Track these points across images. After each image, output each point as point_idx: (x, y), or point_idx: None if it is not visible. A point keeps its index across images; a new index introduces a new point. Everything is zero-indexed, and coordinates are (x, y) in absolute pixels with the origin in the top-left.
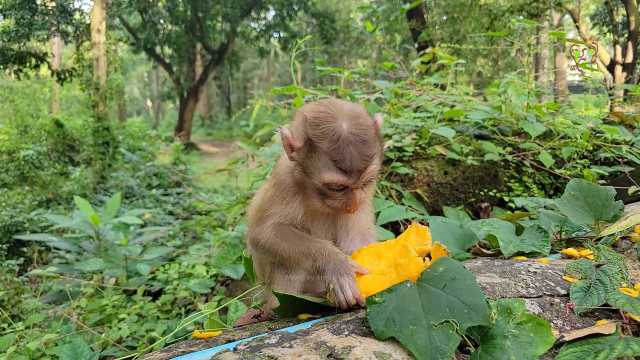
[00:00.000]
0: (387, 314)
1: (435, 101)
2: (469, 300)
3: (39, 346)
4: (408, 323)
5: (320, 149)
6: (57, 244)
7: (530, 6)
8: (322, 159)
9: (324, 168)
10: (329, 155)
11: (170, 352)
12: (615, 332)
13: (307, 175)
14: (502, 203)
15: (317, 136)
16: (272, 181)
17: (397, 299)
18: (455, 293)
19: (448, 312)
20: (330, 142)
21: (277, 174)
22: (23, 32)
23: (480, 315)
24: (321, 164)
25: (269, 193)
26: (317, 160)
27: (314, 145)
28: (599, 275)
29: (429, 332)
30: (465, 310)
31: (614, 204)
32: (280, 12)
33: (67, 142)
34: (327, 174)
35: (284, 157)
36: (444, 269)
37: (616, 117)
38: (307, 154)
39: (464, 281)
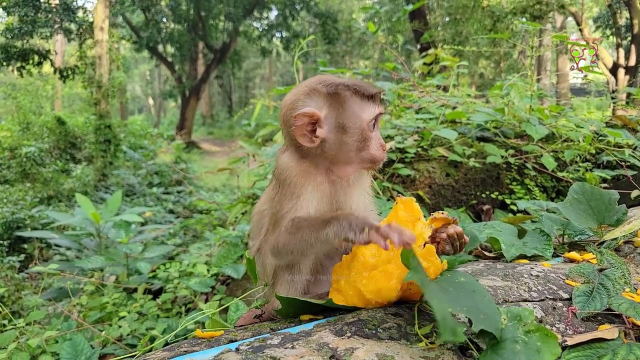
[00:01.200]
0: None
1: (437, 103)
2: (485, 310)
3: (40, 343)
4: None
5: (347, 95)
6: (58, 241)
7: (533, 8)
8: (354, 102)
9: (360, 108)
10: (356, 94)
11: (173, 351)
12: (618, 337)
13: (346, 133)
14: (504, 205)
15: (340, 88)
16: (276, 182)
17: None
18: (474, 301)
19: (465, 310)
20: (349, 87)
21: (279, 173)
22: (26, 30)
23: (494, 325)
24: (355, 107)
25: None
26: (351, 106)
27: (341, 96)
28: (601, 279)
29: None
30: (482, 315)
31: (617, 208)
32: (282, 12)
33: (68, 140)
34: (366, 110)
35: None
36: (465, 281)
37: (619, 120)
38: (337, 111)
39: (483, 296)
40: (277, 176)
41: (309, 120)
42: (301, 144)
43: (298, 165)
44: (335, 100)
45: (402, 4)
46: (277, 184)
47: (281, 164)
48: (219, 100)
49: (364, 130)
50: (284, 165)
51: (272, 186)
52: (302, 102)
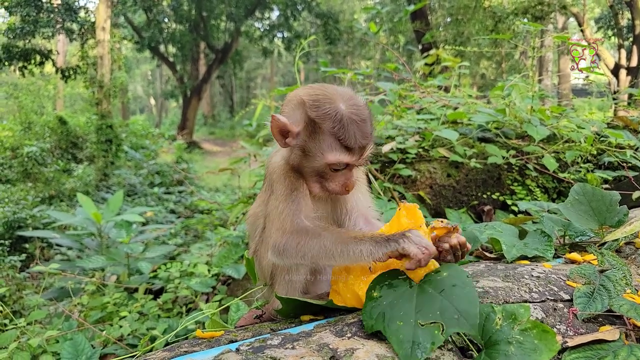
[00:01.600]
0: (380, 309)
1: (438, 103)
2: (462, 308)
3: (41, 343)
4: (396, 319)
5: (324, 130)
6: (59, 241)
7: (534, 9)
8: (326, 139)
9: (327, 148)
10: (334, 135)
11: (173, 351)
12: (619, 339)
13: (307, 159)
14: (505, 206)
15: (320, 117)
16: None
17: (393, 296)
18: (451, 299)
19: (438, 315)
20: (333, 122)
21: (272, 175)
22: (28, 30)
23: (470, 323)
24: (325, 144)
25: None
26: (320, 141)
27: (317, 127)
28: (602, 280)
29: (414, 330)
30: (455, 315)
31: (619, 209)
32: (284, 12)
33: (70, 139)
34: (331, 154)
35: (275, 156)
36: (447, 274)
37: (620, 121)
38: (308, 137)
39: (462, 289)
40: (269, 177)
41: (280, 127)
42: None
43: (289, 168)
44: (312, 125)
45: (403, 5)
46: (269, 185)
47: (272, 164)
48: (221, 100)
49: (323, 167)
50: (275, 165)
51: (264, 189)
52: (289, 108)
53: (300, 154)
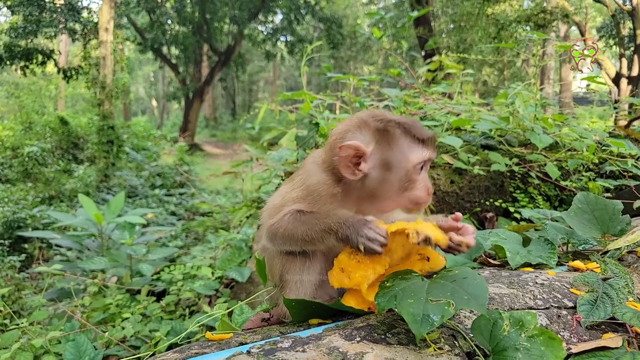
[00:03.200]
0: (392, 293)
1: (442, 110)
2: (471, 291)
3: (44, 343)
4: (407, 298)
5: (398, 134)
6: (60, 242)
7: (537, 17)
8: (403, 142)
9: (409, 149)
10: (408, 135)
11: (184, 352)
12: (621, 346)
13: (390, 173)
14: (507, 213)
15: (390, 125)
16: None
17: (405, 284)
18: (461, 285)
19: (449, 295)
20: (402, 126)
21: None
22: (31, 29)
23: (479, 303)
24: (405, 146)
25: (294, 194)
26: (400, 146)
27: (390, 134)
28: (605, 288)
29: (424, 305)
30: (465, 296)
31: (621, 218)
32: (287, 16)
33: (71, 140)
34: (415, 153)
35: (316, 170)
36: (458, 272)
37: (622, 130)
38: (384, 149)
39: (473, 280)
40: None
41: (354, 153)
42: (343, 174)
43: (331, 187)
44: (384, 136)
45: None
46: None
47: (314, 179)
48: (223, 103)
49: (409, 172)
50: (317, 182)
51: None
52: (352, 133)
53: (381, 169)
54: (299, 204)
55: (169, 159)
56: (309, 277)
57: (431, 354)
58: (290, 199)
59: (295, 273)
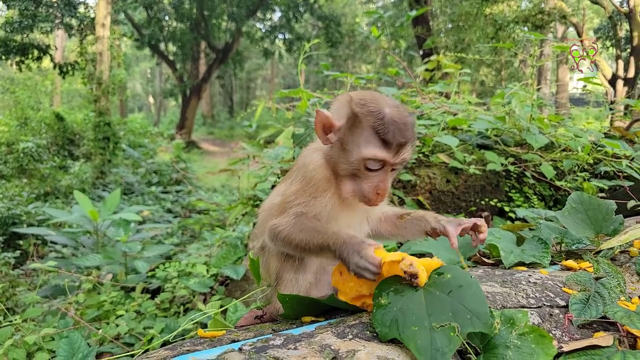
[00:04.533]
0: (391, 315)
1: (439, 109)
2: (472, 307)
3: (37, 340)
4: (410, 324)
5: (365, 123)
6: (55, 238)
7: (535, 18)
8: (365, 133)
9: (365, 142)
10: (373, 129)
11: (175, 350)
12: (612, 345)
13: (344, 153)
14: (502, 213)
15: (363, 113)
16: (297, 177)
17: (402, 301)
18: (460, 299)
19: (451, 316)
20: (375, 118)
21: (304, 170)
22: (26, 24)
23: (483, 322)
24: (363, 138)
25: (293, 188)
26: (359, 135)
27: (359, 120)
28: (597, 288)
29: (430, 334)
30: (468, 316)
31: (614, 218)
32: (286, 14)
33: (67, 136)
34: (368, 147)
35: (312, 155)
36: (451, 276)
37: (617, 131)
38: (348, 130)
39: (469, 289)
40: (301, 172)
41: (323, 122)
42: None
43: (324, 170)
44: (354, 119)
45: (405, 10)
46: (297, 178)
47: (310, 163)
48: (220, 100)
49: (358, 162)
50: (313, 165)
51: (293, 177)
52: (334, 105)
53: (339, 149)
54: (300, 200)
55: (165, 156)
56: (305, 275)
57: None
58: (291, 194)
59: (291, 271)
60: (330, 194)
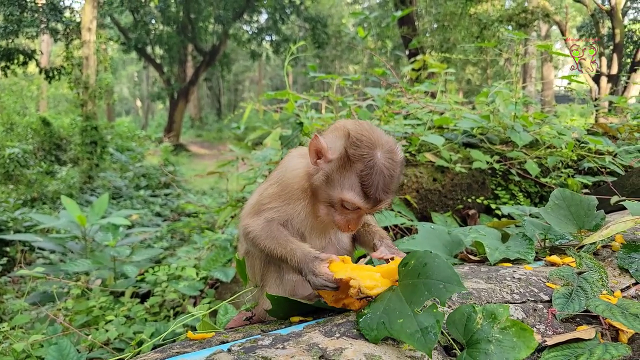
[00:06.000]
0: (377, 319)
1: (425, 109)
2: (441, 276)
3: (25, 347)
4: (396, 318)
5: (353, 169)
6: (42, 244)
7: (518, 17)
8: (351, 178)
9: (348, 186)
10: (359, 178)
11: (165, 352)
12: (594, 337)
13: (328, 186)
14: (489, 210)
15: (355, 156)
16: (276, 180)
17: (383, 304)
18: (429, 275)
19: (427, 295)
20: (365, 166)
21: (283, 175)
22: (11, 29)
23: (455, 284)
24: (347, 182)
25: (271, 190)
26: (345, 177)
27: (349, 162)
28: (580, 282)
29: (415, 319)
30: (440, 285)
31: (596, 213)
32: (272, 16)
33: (53, 141)
34: (349, 193)
35: (296, 162)
36: (414, 262)
37: (600, 128)
38: (337, 168)
39: (433, 262)
40: (280, 175)
41: (317, 149)
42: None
43: (303, 180)
44: (346, 160)
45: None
46: (278, 183)
47: (290, 169)
48: (208, 102)
49: (336, 200)
50: (293, 173)
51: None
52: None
53: (324, 177)
54: (274, 204)
55: (154, 159)
56: (289, 275)
57: (409, 348)
58: (267, 196)
59: (275, 271)
60: (304, 203)
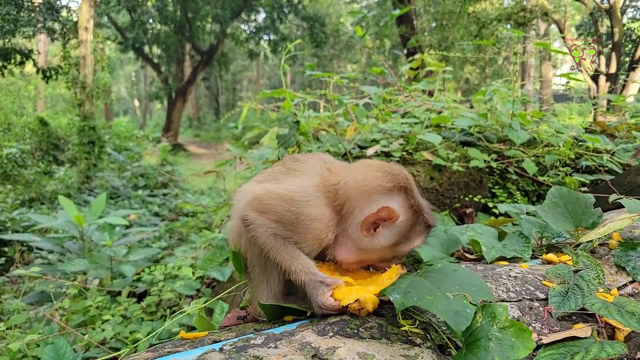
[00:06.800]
0: (403, 289)
1: (422, 107)
2: (473, 282)
3: (21, 347)
4: (425, 295)
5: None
6: (40, 244)
7: (517, 15)
8: (418, 228)
9: (418, 234)
10: (425, 221)
11: (156, 352)
12: (590, 336)
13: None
14: (486, 209)
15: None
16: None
17: (407, 281)
18: (459, 277)
19: (457, 288)
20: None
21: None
22: (8, 29)
23: (486, 293)
24: (418, 229)
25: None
26: (415, 228)
27: (417, 217)
28: (576, 280)
29: (447, 300)
30: (473, 287)
31: (593, 211)
32: (270, 15)
33: (51, 141)
34: (419, 239)
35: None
36: (442, 266)
37: (598, 126)
38: (409, 224)
39: (463, 272)
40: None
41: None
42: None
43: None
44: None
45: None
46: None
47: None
48: (206, 102)
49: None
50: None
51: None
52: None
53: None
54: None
55: (151, 159)
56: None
57: (403, 347)
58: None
59: (267, 269)
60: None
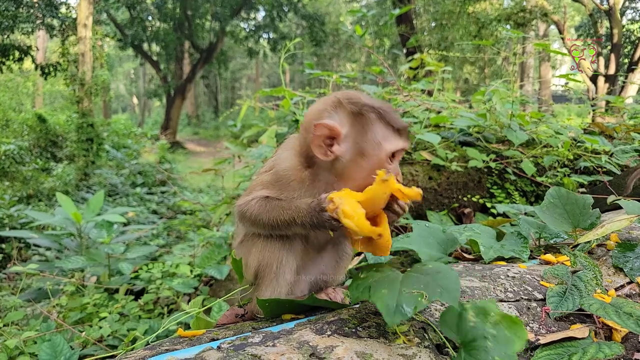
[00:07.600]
0: (366, 284)
1: (421, 107)
2: (444, 284)
3: (18, 344)
4: (381, 288)
5: (372, 119)
6: (38, 241)
7: (517, 16)
8: (377, 129)
9: (382, 138)
10: (383, 122)
11: (154, 350)
12: (588, 336)
13: (362, 160)
14: (485, 209)
15: (364, 108)
16: (270, 170)
17: (379, 276)
18: (434, 279)
19: (422, 288)
20: (377, 110)
21: (279, 167)
22: (7, 25)
23: (452, 295)
24: (378, 135)
25: (263, 177)
26: (371, 133)
27: (364, 120)
28: (574, 281)
29: (398, 296)
30: (438, 289)
31: (591, 212)
32: (270, 13)
33: (49, 138)
34: (388, 142)
35: (286, 155)
36: (432, 266)
37: (597, 127)
38: (357, 134)
39: (446, 273)
40: (275, 168)
41: (328, 133)
42: (315, 154)
43: (298, 171)
44: (359, 120)
45: (389, 8)
46: (272, 172)
47: (280, 163)
48: (205, 100)
49: (381, 160)
50: (286, 168)
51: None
52: (328, 113)
53: (350, 158)
54: (267, 190)
55: (150, 157)
56: (285, 275)
57: (401, 346)
58: (259, 183)
59: (271, 271)
60: (300, 192)
